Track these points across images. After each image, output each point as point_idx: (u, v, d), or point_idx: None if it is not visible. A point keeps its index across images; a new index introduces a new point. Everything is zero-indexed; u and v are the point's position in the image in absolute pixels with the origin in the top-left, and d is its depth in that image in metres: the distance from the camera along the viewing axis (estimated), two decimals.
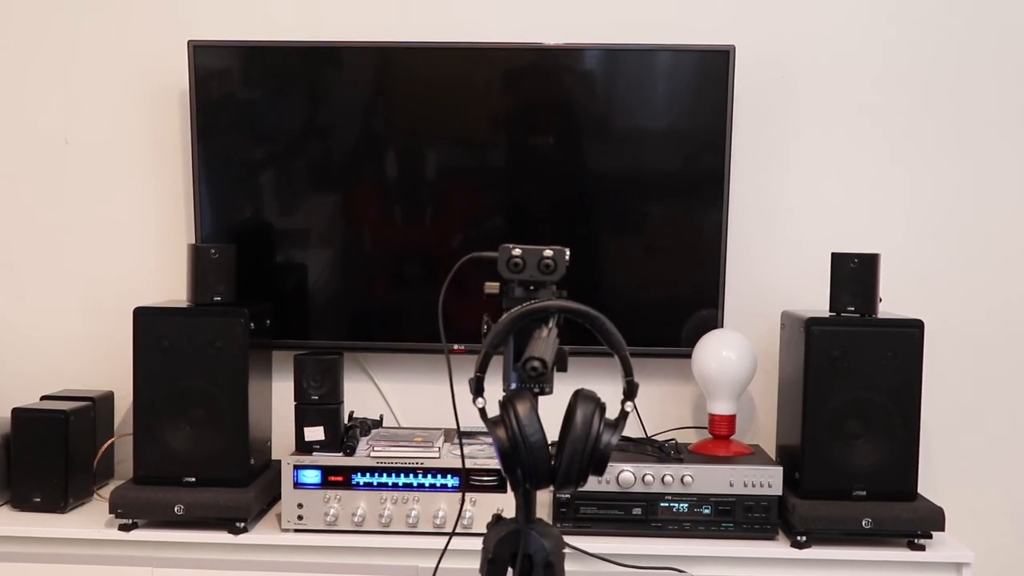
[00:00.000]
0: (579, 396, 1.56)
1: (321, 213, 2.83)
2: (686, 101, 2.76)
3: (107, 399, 2.79)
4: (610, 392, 1.61)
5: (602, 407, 1.56)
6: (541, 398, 1.66)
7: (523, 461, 1.52)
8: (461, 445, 1.83)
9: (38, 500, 2.56)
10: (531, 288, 1.62)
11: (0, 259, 2.95)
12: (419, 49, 2.76)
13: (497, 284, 1.64)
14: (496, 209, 2.84)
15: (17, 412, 2.58)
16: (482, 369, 1.55)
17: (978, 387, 2.87)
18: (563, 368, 1.63)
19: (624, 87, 2.78)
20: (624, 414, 1.56)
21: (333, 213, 2.83)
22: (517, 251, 1.59)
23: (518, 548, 1.59)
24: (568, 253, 1.62)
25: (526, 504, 1.62)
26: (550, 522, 2.48)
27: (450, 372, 1.65)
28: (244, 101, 2.79)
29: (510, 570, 1.62)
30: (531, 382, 1.54)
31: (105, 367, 2.87)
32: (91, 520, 2.53)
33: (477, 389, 1.55)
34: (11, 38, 2.91)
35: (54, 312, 2.94)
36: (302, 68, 2.79)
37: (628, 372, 1.56)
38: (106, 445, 2.72)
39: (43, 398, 2.72)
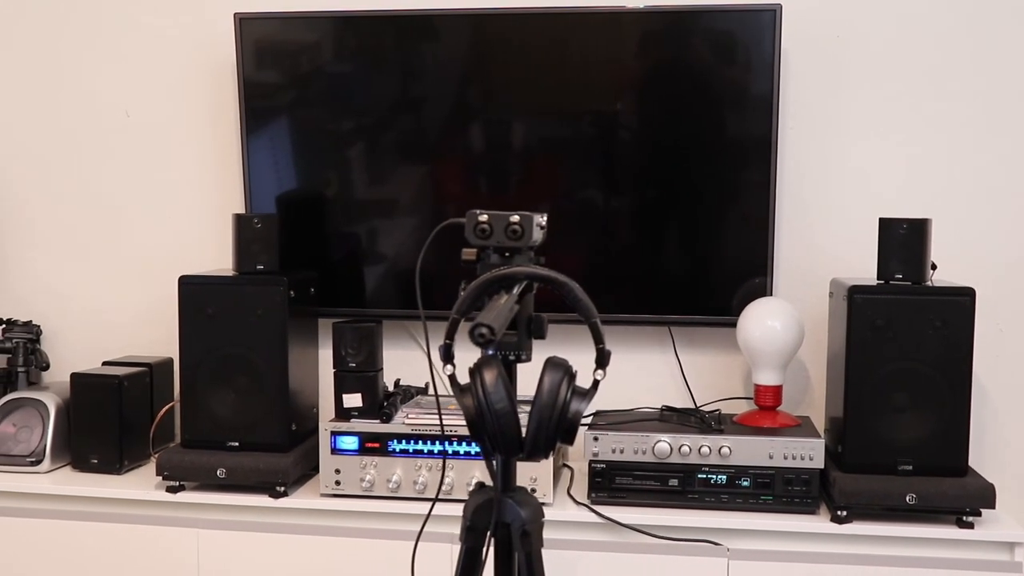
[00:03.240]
0: (548, 364, 1.54)
1: (384, 184, 2.84)
2: (732, 63, 2.68)
3: (166, 365, 2.87)
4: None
5: (571, 375, 1.53)
6: (522, 366, 1.66)
7: (489, 429, 1.51)
8: (439, 411, 1.82)
9: (95, 461, 2.66)
10: (506, 255, 1.60)
11: (69, 230, 3.06)
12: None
13: (474, 251, 1.63)
14: (541, 179, 2.81)
15: (75, 376, 2.69)
16: (450, 336, 1.54)
17: None
18: (540, 335, 1.61)
19: (668, 48, 2.71)
20: (595, 383, 1.53)
21: (401, 184, 2.84)
22: (483, 217, 1.58)
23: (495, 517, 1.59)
24: (540, 219, 1.59)
25: (503, 472, 1.60)
26: (586, 491, 2.47)
27: (427, 339, 1.65)
28: (292, 72, 2.82)
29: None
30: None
31: (169, 334, 2.95)
32: (142, 481, 2.62)
33: (446, 356, 1.54)
34: (76, 10, 3.01)
35: (120, 281, 3.04)
36: (351, 38, 2.80)
37: (599, 340, 1.53)
38: (164, 410, 2.79)
39: (104, 363, 2.83)
